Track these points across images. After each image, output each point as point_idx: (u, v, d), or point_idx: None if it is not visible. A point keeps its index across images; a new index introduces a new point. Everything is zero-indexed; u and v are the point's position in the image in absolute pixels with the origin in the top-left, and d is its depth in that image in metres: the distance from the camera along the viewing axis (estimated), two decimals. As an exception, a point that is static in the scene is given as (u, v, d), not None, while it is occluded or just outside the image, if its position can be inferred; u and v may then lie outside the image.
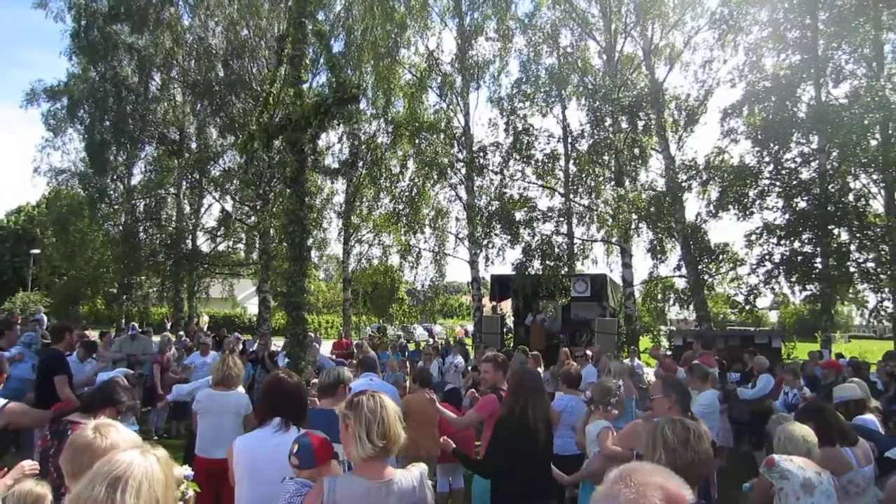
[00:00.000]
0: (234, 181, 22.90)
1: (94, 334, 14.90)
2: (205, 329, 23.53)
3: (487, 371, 5.13)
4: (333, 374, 4.51)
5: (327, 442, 2.84)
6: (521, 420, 3.84)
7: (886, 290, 15.63)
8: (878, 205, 16.54)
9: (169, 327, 22.27)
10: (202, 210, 26.15)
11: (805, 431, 3.63)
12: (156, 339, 13.59)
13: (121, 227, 23.74)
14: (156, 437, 10.16)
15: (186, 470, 2.62)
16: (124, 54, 21.43)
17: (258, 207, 21.73)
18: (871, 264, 15.58)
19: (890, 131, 15.46)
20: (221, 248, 25.49)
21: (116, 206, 23.92)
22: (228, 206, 23.91)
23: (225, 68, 21.16)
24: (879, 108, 14.63)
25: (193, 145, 23.14)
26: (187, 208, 25.47)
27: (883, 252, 15.33)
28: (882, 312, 16.19)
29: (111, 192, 23.64)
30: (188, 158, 22.19)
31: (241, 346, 15.24)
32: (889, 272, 15.09)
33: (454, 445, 4.13)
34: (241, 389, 5.23)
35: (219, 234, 24.60)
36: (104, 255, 24.45)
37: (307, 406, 3.63)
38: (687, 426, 2.23)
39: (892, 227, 15.44)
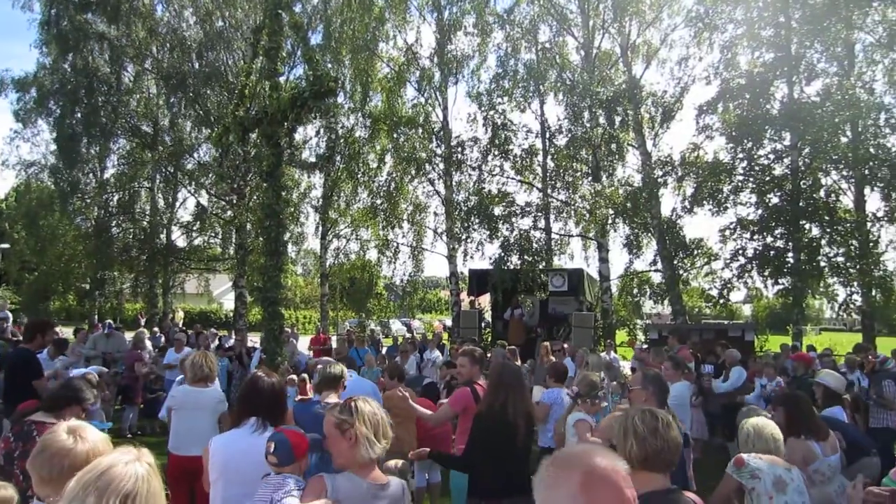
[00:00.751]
0: (210, 175, 22.62)
1: (67, 331, 14.67)
2: (180, 325, 23.29)
3: (463, 365, 5.12)
4: (338, 368, 4.65)
5: (303, 436, 2.85)
6: (501, 415, 3.84)
7: (855, 283, 15.96)
8: (847, 201, 16.88)
9: (143, 324, 21.97)
10: (177, 204, 25.82)
11: (772, 428, 3.63)
12: (129, 335, 13.40)
13: (93, 222, 23.30)
14: (129, 435, 10.02)
15: None
16: (96, 45, 21.01)
17: (234, 202, 21.50)
18: (840, 259, 15.91)
19: (860, 129, 15.76)
20: (197, 242, 25.17)
21: (88, 200, 23.44)
22: (204, 201, 23.64)
23: (199, 60, 20.87)
24: (850, 106, 14.92)
25: (167, 138, 22.75)
26: (161, 202, 25.09)
27: (852, 247, 15.66)
28: (851, 305, 16.54)
29: (83, 185, 23.15)
30: (162, 151, 21.85)
31: (217, 342, 15.14)
32: (858, 266, 15.41)
33: (428, 451, 4.15)
34: (216, 386, 5.17)
35: (194, 228, 24.28)
36: (76, 250, 23.98)
37: (285, 406, 3.60)
38: (656, 415, 2.28)
39: (861, 222, 15.78)
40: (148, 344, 13.34)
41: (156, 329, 17.24)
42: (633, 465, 2.17)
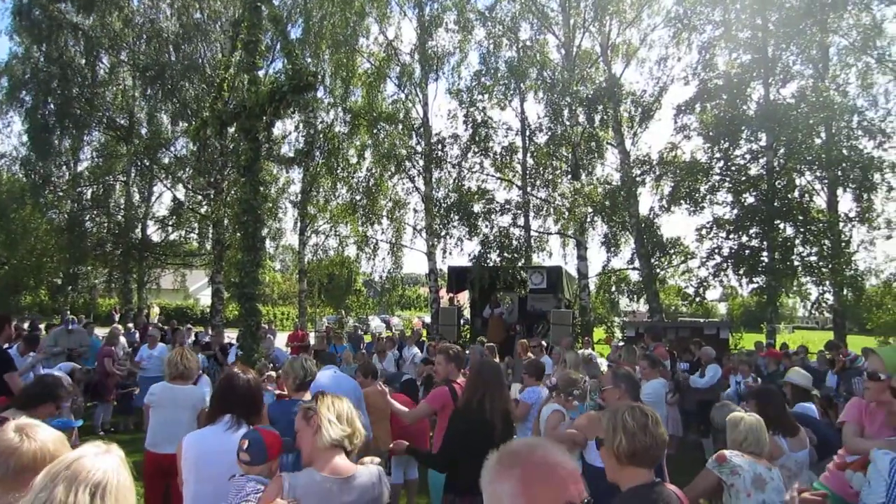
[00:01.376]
0: (187, 169, 22.33)
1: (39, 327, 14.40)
2: (155, 321, 22.99)
3: (440, 363, 5.11)
4: (314, 370, 4.63)
5: (278, 436, 2.81)
6: (479, 412, 3.84)
7: (827, 282, 16.24)
8: (821, 201, 17.19)
9: (118, 319, 21.65)
10: (153, 198, 25.47)
11: (763, 425, 3.66)
12: (104, 331, 13.19)
13: (66, 215, 22.86)
14: (102, 433, 9.87)
15: None
16: (70, 35, 20.59)
17: (211, 196, 21.25)
18: (813, 258, 16.17)
19: (833, 131, 16.03)
20: (173, 237, 24.84)
21: (61, 193, 23.01)
22: (180, 195, 23.34)
23: (177, 52, 20.56)
24: (824, 108, 15.17)
25: (143, 131, 22.41)
26: (137, 196, 24.75)
27: (825, 246, 15.93)
28: (823, 304, 16.83)
29: (55, 178, 22.72)
30: (138, 144, 21.49)
31: (193, 338, 14.97)
32: (830, 266, 15.68)
33: (406, 444, 4.13)
34: (204, 379, 5.09)
35: (170, 223, 23.95)
36: (48, 244, 23.56)
37: (261, 403, 3.56)
38: (645, 412, 2.33)
39: (834, 222, 16.05)
40: (122, 340, 13.17)
41: (130, 325, 16.97)
42: (622, 461, 2.23)
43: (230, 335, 14.62)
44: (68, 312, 22.82)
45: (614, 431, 2.26)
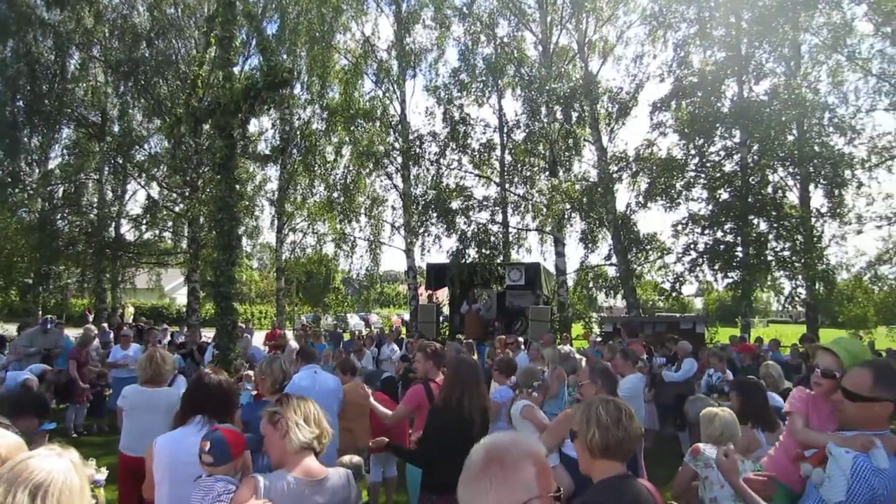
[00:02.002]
0: (161, 167, 22.00)
1: (10, 327, 14.11)
2: (130, 321, 22.66)
3: (419, 361, 5.11)
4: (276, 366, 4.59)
5: (240, 434, 2.78)
6: (457, 410, 3.84)
7: (800, 277, 16.51)
8: (793, 197, 17.45)
9: (91, 319, 21.30)
10: (126, 196, 25.06)
11: (738, 426, 3.71)
12: (77, 332, 12.96)
13: (37, 214, 22.38)
14: (74, 435, 9.70)
15: (99, 474, 2.50)
16: (39, 30, 20.16)
17: (186, 194, 20.96)
18: (786, 253, 16.43)
19: (805, 128, 16.28)
20: (147, 236, 24.45)
21: (31, 192, 22.55)
22: (155, 193, 22.96)
23: (150, 48, 20.22)
24: (796, 105, 15.41)
25: (116, 128, 22.02)
26: (110, 194, 24.31)
27: (797, 241, 16.19)
28: (796, 298, 17.11)
29: (25, 176, 22.25)
30: (110, 142, 21.13)
31: (168, 338, 14.78)
32: (803, 260, 15.94)
33: (386, 441, 4.13)
34: (180, 380, 5.02)
35: (144, 221, 23.57)
36: (18, 244, 23.02)
37: (234, 404, 3.51)
38: (619, 406, 2.33)
39: (806, 217, 16.32)
40: (95, 340, 12.96)
41: (104, 325, 16.71)
42: (594, 454, 2.24)
43: (207, 334, 14.47)
44: (40, 313, 22.48)
45: (588, 424, 2.27)
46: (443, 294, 21.58)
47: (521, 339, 12.52)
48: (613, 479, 2.21)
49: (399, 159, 21.30)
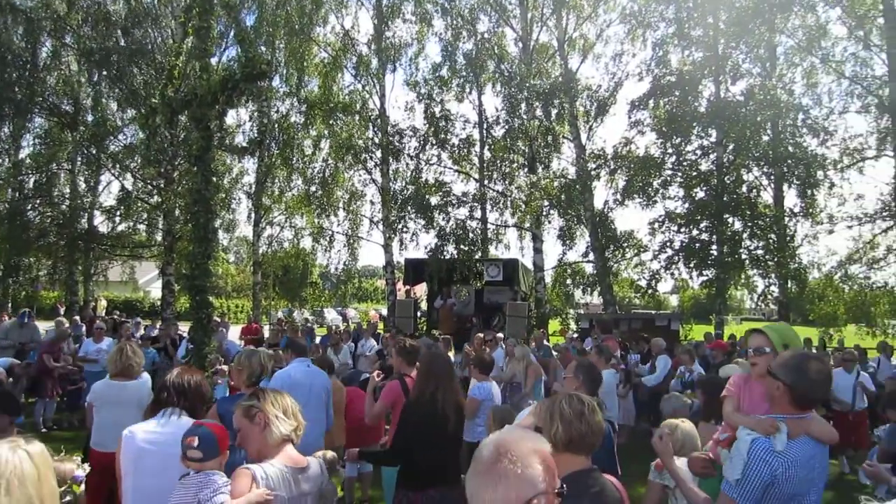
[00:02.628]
0: (136, 158, 21.63)
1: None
2: (102, 314, 22.32)
3: (392, 356, 5.15)
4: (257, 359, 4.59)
5: (224, 428, 2.75)
6: (430, 405, 3.83)
7: (773, 275, 16.79)
8: (767, 196, 17.74)
9: (63, 312, 20.92)
10: (100, 187, 24.61)
11: (695, 431, 3.76)
12: (48, 324, 12.74)
13: (7, 204, 21.89)
14: (44, 430, 9.54)
15: (79, 469, 2.46)
16: (9, 16, 19.67)
17: (161, 186, 20.67)
18: (760, 251, 16.69)
19: (779, 128, 16.53)
20: (121, 228, 24.06)
21: (1, 181, 22.09)
22: (129, 184, 22.59)
23: (125, 36, 19.86)
24: (771, 105, 15.64)
25: (89, 118, 21.60)
26: (83, 185, 23.86)
27: (771, 240, 16.45)
28: (769, 296, 17.40)
29: (-6, 166, 21.81)
30: (83, 132, 20.71)
31: (141, 331, 14.58)
32: (776, 259, 16.20)
33: (357, 451, 4.17)
34: (145, 376, 4.96)
35: (118, 213, 23.19)
36: (-14, 235, 22.55)
37: (207, 401, 3.48)
38: (582, 400, 2.36)
39: (779, 217, 16.59)
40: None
41: (76, 318, 16.42)
42: (558, 448, 2.23)
43: (184, 328, 14.29)
44: (10, 305, 22.04)
45: (551, 419, 2.29)
46: (421, 289, 21.56)
47: (499, 335, 12.55)
48: (578, 473, 2.23)
49: (378, 154, 21.20)
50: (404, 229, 19.38)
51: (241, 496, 2.45)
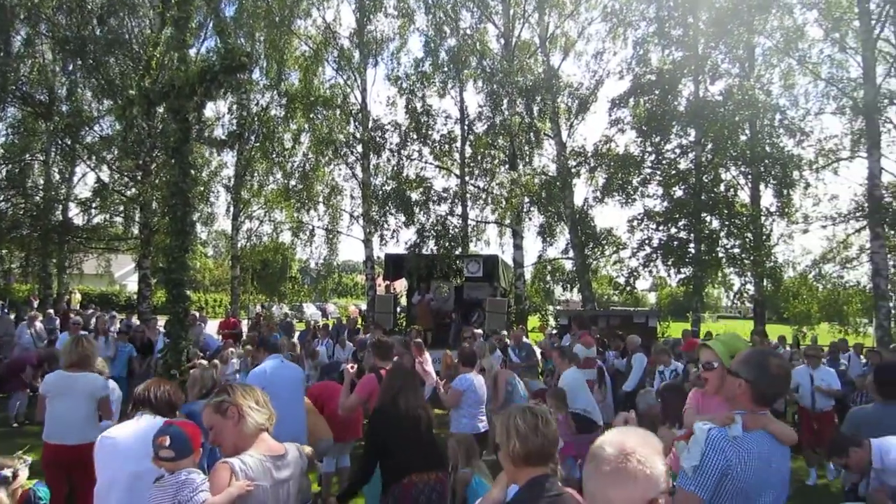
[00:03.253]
0: (112, 149, 21.30)
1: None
2: (77, 308, 22.00)
3: (369, 353, 5.23)
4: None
5: (196, 426, 2.71)
6: (394, 409, 3.93)
7: (749, 273, 17.01)
8: (744, 196, 17.93)
9: (36, 305, 20.58)
10: (75, 179, 24.23)
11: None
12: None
13: (-23, 195, 21.50)
14: (15, 424, 9.39)
15: (5, 470, 2.43)
16: (-20, 3, 19.22)
17: (138, 178, 20.39)
18: (736, 250, 16.89)
19: (757, 128, 16.73)
20: (97, 220, 23.69)
21: (-29, 172, 21.63)
22: (105, 176, 22.25)
23: (101, 25, 19.52)
24: (749, 105, 15.81)
25: (64, 108, 21.20)
26: (57, 176, 23.46)
27: (747, 239, 16.66)
28: (745, 294, 17.62)
29: (-36, 155, 21.32)
30: (58, 122, 20.34)
31: (116, 325, 14.38)
32: (752, 257, 16.42)
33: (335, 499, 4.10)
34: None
35: (94, 205, 22.83)
36: (-43, 226, 22.06)
37: (178, 408, 3.45)
38: (535, 413, 2.41)
39: (756, 216, 16.80)
40: (38, 325, 12.54)
41: (50, 311, 16.16)
42: (517, 463, 2.32)
43: (161, 322, 14.12)
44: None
45: (507, 435, 2.34)
46: (401, 285, 21.53)
47: (478, 331, 12.57)
48: (536, 479, 2.29)
49: (359, 148, 21.11)
50: (384, 226, 19.32)
51: (221, 491, 2.42)
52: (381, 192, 19.36)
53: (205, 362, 7.83)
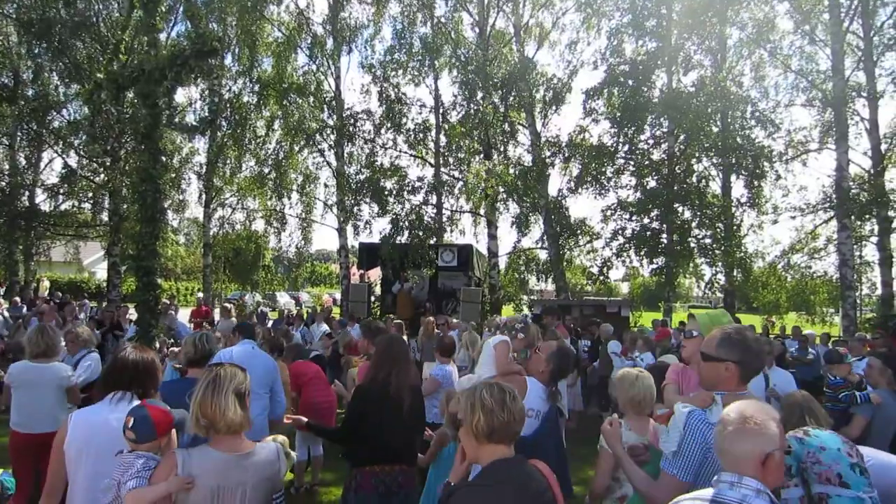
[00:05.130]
0: (80, 134, 20.85)
1: None
2: (45, 295, 21.57)
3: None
4: (206, 346, 4.48)
5: (167, 412, 2.66)
6: (383, 389, 3.78)
7: (720, 264, 17.26)
8: (716, 186, 18.16)
9: (3, 293, 20.15)
10: (42, 164, 23.68)
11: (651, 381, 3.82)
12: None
13: (-59, 181, 20.93)
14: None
15: None
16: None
17: (107, 164, 20.00)
18: (708, 240, 17.12)
19: (728, 120, 16.94)
20: (65, 207, 23.21)
21: (-65, 156, 21.05)
22: (73, 162, 21.80)
23: (67, 8, 19.03)
24: (721, 97, 15.98)
25: (30, 92, 20.68)
26: (23, 161, 22.90)
27: (718, 230, 16.89)
28: (716, 284, 17.89)
29: (-73, 140, 20.72)
30: (24, 106, 19.84)
31: (85, 313, 14.15)
32: (723, 248, 16.66)
33: (305, 420, 4.07)
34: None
35: (61, 191, 22.35)
36: (-80, 212, 21.44)
37: (157, 382, 3.35)
38: (503, 388, 2.31)
39: (727, 207, 17.03)
40: (4, 314, 12.33)
41: (17, 299, 15.83)
42: (480, 439, 2.22)
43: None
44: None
45: (472, 410, 2.24)
46: (375, 274, 21.45)
47: (454, 320, 12.60)
48: (502, 461, 2.20)
49: (333, 136, 20.92)
50: (358, 216, 19.22)
51: (159, 481, 2.38)
52: (354, 183, 19.25)
53: (177, 349, 7.73)
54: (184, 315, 16.44)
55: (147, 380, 3.16)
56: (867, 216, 16.07)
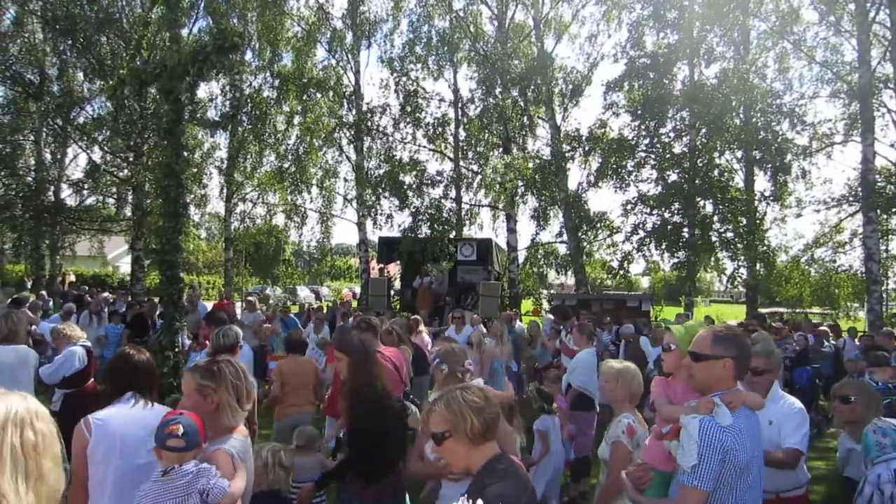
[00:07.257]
0: (104, 130, 21.13)
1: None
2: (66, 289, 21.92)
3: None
4: (232, 334, 4.78)
5: (200, 419, 2.70)
6: (373, 392, 3.66)
7: (742, 258, 17.06)
8: (739, 180, 17.92)
9: (30, 286, 20.53)
10: (67, 160, 24.06)
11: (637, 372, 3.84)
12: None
13: (-32, 176, 21.30)
14: None
15: None
16: (-31, -18, 18.97)
17: (130, 159, 20.25)
18: (730, 234, 16.91)
19: (752, 112, 16.69)
20: (89, 201, 23.58)
21: (-37, 153, 21.40)
22: (97, 157, 22.11)
23: (91, 4, 19.27)
24: (744, 90, 15.74)
25: (55, 88, 20.98)
26: (49, 157, 23.30)
27: (741, 223, 16.68)
28: (738, 279, 17.68)
29: (-44, 136, 21.07)
30: (49, 102, 20.14)
31: (108, 307, 14.32)
32: (745, 242, 16.46)
33: (311, 484, 3.86)
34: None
35: (86, 186, 22.68)
36: (-51, 207, 21.87)
37: (156, 381, 3.38)
38: (473, 388, 2.31)
39: (750, 201, 16.81)
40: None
41: (43, 292, 16.11)
42: (476, 440, 2.15)
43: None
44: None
45: (462, 416, 2.16)
46: (394, 268, 21.51)
47: (475, 315, 12.57)
48: (493, 460, 2.16)
49: (352, 131, 20.99)
50: (377, 211, 19.29)
51: (230, 476, 2.51)
52: (373, 177, 19.30)
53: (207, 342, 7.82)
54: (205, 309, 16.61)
55: (153, 381, 3.27)
56: (894, 209, 15.78)
